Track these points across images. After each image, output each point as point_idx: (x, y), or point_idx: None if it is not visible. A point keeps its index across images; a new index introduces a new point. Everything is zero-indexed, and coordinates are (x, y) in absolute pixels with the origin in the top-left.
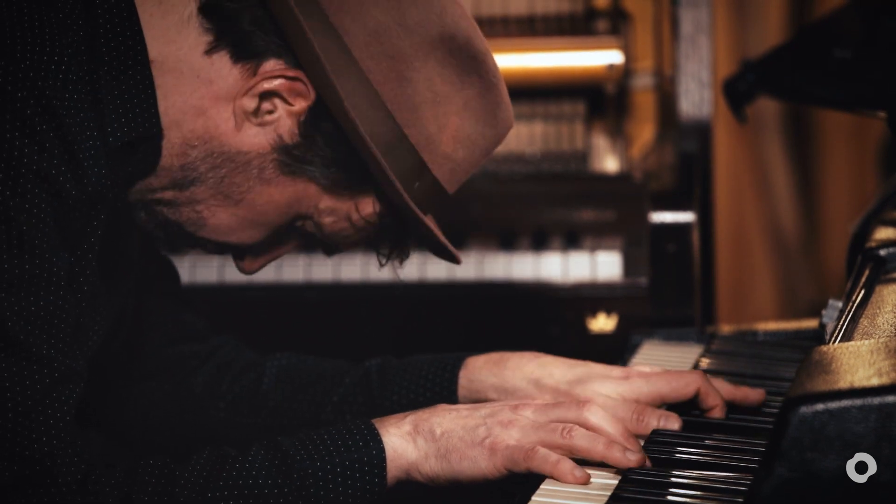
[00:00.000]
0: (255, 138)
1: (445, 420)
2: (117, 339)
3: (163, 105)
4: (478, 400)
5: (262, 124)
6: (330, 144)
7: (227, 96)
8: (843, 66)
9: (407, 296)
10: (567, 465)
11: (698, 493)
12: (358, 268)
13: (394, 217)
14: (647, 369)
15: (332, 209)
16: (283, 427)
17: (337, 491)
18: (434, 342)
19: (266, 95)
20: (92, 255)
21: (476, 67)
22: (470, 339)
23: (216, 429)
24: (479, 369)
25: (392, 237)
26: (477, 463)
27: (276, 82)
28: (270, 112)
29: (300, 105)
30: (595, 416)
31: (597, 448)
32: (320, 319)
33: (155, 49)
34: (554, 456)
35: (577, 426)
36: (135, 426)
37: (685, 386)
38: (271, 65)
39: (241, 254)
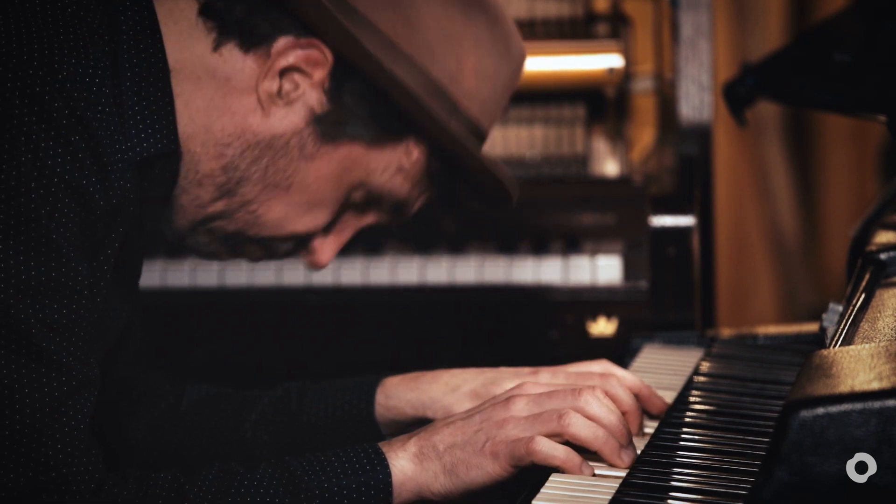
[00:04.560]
0: (287, 118)
1: (446, 435)
2: (126, 351)
3: (187, 112)
4: (395, 417)
5: (289, 103)
6: (360, 100)
7: (247, 87)
8: (844, 70)
9: (407, 300)
10: (575, 463)
11: (698, 496)
12: (358, 272)
13: (442, 156)
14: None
15: (382, 166)
16: (202, 446)
17: None
18: (434, 346)
19: (285, 73)
20: (108, 267)
21: (479, 3)
22: (470, 343)
23: (136, 450)
24: (396, 386)
25: (449, 184)
26: (484, 469)
27: (291, 57)
28: (295, 88)
29: (320, 73)
30: (592, 406)
31: (596, 440)
32: (320, 323)
33: (172, 57)
34: (560, 449)
35: (572, 411)
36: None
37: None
38: (281, 43)
39: (309, 244)
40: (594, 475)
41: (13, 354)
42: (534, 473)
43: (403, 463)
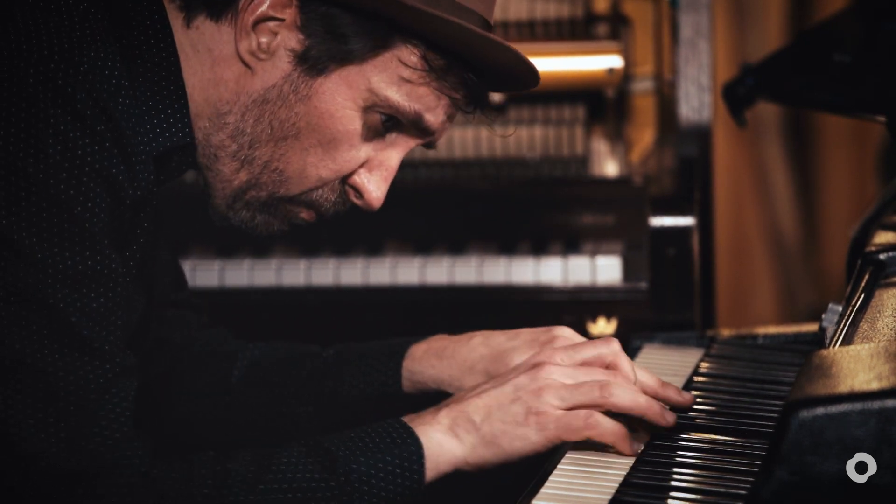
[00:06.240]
0: (274, 69)
1: (479, 406)
2: (140, 347)
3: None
4: (420, 389)
5: (271, 54)
6: (334, 21)
7: (230, 54)
8: (843, 71)
9: (407, 300)
10: (628, 441)
11: (698, 496)
12: (358, 272)
13: (440, 49)
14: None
15: (382, 81)
16: (250, 421)
17: (379, 486)
18: None
19: (257, 26)
20: (133, 262)
21: None
22: None
23: (198, 425)
24: (419, 361)
25: (458, 77)
26: (529, 439)
27: (258, 8)
28: (272, 38)
29: (290, 12)
30: (625, 367)
31: (639, 404)
32: (320, 324)
33: None
34: (618, 428)
35: (612, 381)
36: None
37: (594, 360)
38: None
39: (353, 187)
40: (635, 454)
41: (56, 343)
42: (533, 471)
43: (439, 436)
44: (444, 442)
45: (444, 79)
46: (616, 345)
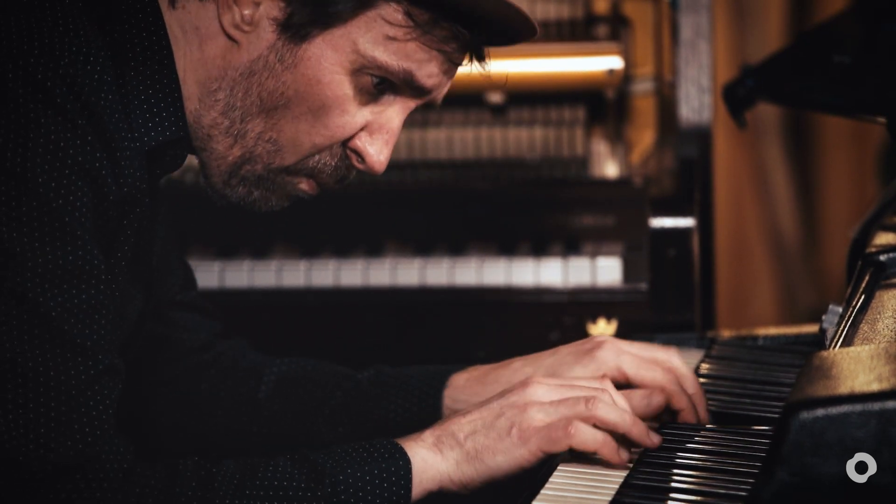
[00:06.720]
0: (258, 40)
1: (464, 424)
2: (134, 347)
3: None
4: None
5: (255, 25)
6: None
7: (216, 30)
8: (843, 72)
9: (407, 301)
10: (613, 447)
11: (698, 497)
12: (358, 273)
13: (423, 2)
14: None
15: (368, 42)
16: (277, 436)
17: (366, 499)
18: (434, 348)
19: None
20: (125, 262)
21: None
22: (471, 344)
23: (216, 436)
24: (461, 389)
25: (447, 31)
26: (511, 454)
27: None
28: (255, 8)
29: None
30: (607, 398)
31: (624, 423)
32: (320, 324)
33: None
34: (599, 434)
35: (597, 396)
36: (144, 434)
37: (651, 382)
38: None
39: (354, 152)
40: (628, 463)
41: (37, 340)
42: (533, 472)
43: (423, 452)
44: (427, 458)
45: (431, 33)
46: (678, 359)
